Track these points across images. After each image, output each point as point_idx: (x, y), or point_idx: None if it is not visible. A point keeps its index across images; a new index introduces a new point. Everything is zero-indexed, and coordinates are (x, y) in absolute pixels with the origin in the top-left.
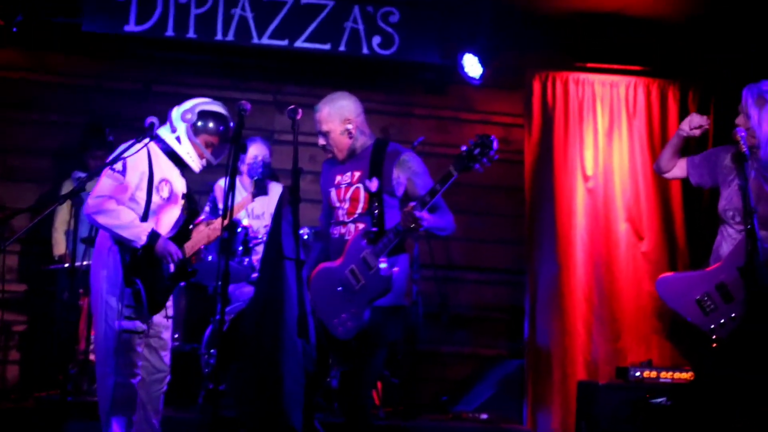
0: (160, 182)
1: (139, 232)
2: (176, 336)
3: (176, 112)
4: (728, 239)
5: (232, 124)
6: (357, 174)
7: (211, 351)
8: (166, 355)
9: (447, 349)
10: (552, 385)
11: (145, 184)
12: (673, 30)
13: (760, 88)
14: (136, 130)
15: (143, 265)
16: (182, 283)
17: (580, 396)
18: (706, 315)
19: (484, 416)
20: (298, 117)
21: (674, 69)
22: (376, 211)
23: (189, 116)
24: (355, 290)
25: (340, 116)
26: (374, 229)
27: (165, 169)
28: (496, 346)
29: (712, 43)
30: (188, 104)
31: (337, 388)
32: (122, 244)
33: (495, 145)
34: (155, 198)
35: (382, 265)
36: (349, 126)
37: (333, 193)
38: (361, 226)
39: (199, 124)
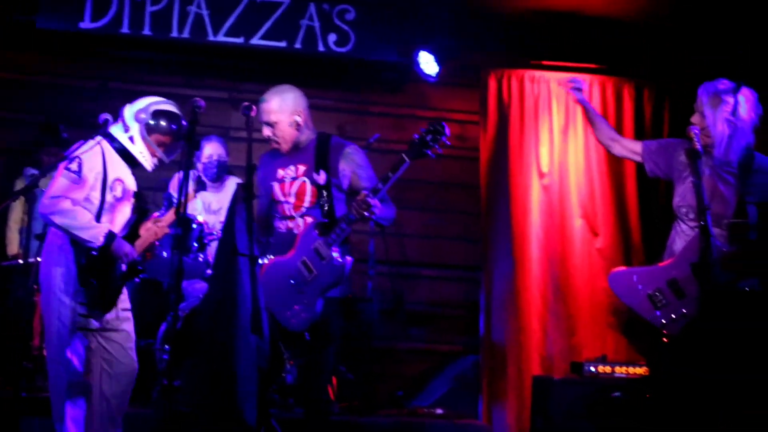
0: (113, 181)
1: (96, 233)
2: None
3: (129, 111)
4: (681, 235)
5: (184, 122)
6: (302, 168)
7: (166, 347)
8: (131, 348)
9: (403, 345)
10: (507, 381)
11: (99, 184)
12: (628, 29)
13: (716, 87)
14: (92, 128)
15: (98, 266)
16: (136, 279)
17: (535, 391)
18: (658, 310)
19: (439, 411)
20: (253, 114)
21: (629, 67)
22: (326, 203)
23: (143, 116)
24: (307, 281)
25: (289, 108)
26: (325, 220)
27: (118, 167)
28: (451, 342)
29: (669, 42)
30: (141, 103)
31: (291, 383)
32: (77, 243)
33: (447, 131)
34: (108, 197)
35: (335, 254)
36: (298, 118)
37: (276, 187)
38: (309, 219)
39: (153, 123)
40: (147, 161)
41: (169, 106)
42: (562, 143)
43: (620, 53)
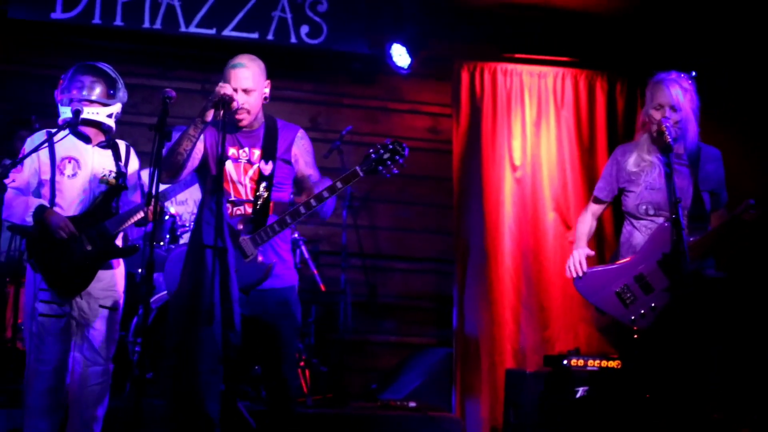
0: (62, 160)
1: (23, 210)
2: None
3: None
4: (642, 230)
5: (97, 64)
6: (256, 152)
7: (138, 339)
8: (99, 347)
9: (375, 337)
10: (480, 374)
11: (47, 166)
12: (600, 22)
13: (679, 77)
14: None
15: (41, 245)
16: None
17: (508, 384)
18: (626, 307)
19: (412, 404)
20: (234, 105)
21: (602, 60)
22: (262, 197)
23: (57, 94)
24: None
25: (264, 78)
26: (249, 215)
27: (70, 148)
28: (424, 335)
29: (641, 34)
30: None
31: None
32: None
33: (407, 152)
34: (58, 177)
35: (260, 254)
36: (267, 91)
37: (230, 165)
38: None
39: (65, 86)
40: (89, 113)
41: (80, 65)
42: (535, 136)
43: (592, 46)
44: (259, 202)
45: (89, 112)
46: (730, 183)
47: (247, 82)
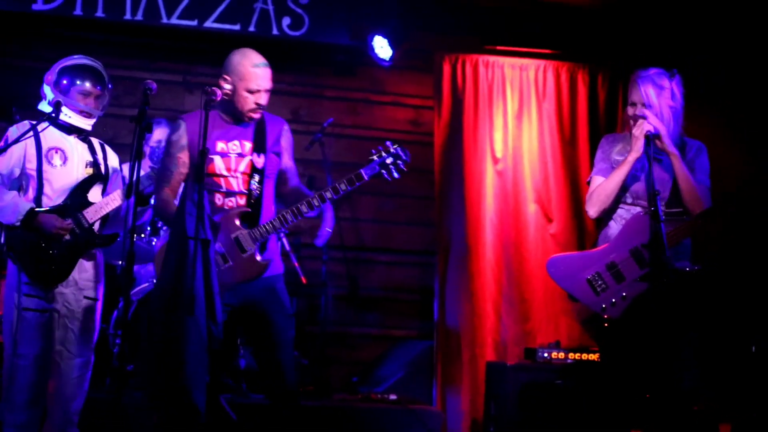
0: (49, 151)
1: (12, 211)
2: None
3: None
4: (618, 219)
5: (98, 67)
6: (247, 144)
7: (119, 331)
8: (83, 338)
9: (357, 330)
10: (461, 366)
11: (33, 156)
12: (582, 14)
13: (654, 74)
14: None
15: (20, 237)
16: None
17: (488, 377)
18: (597, 295)
19: (393, 397)
20: (218, 98)
21: (584, 53)
22: (257, 189)
23: (50, 77)
24: (221, 270)
25: None
26: (247, 209)
27: (54, 138)
28: (405, 327)
29: (623, 27)
30: (51, 68)
31: (245, 368)
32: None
33: (408, 157)
34: (46, 167)
35: (258, 251)
36: None
37: (218, 160)
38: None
39: (65, 82)
40: (79, 121)
41: (78, 60)
42: (516, 129)
43: (574, 38)
44: (253, 195)
45: (84, 123)
46: (725, 178)
47: (270, 83)
